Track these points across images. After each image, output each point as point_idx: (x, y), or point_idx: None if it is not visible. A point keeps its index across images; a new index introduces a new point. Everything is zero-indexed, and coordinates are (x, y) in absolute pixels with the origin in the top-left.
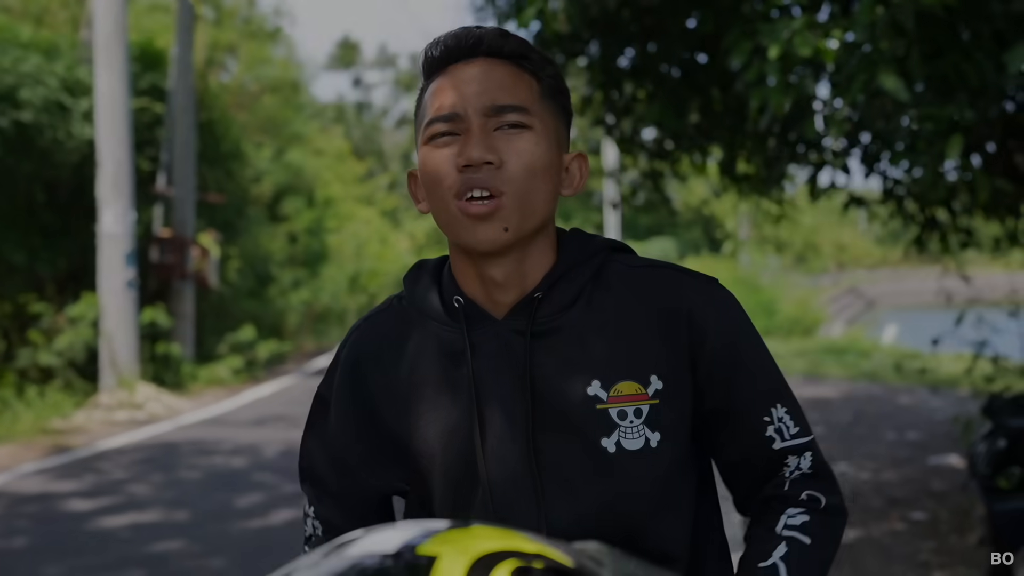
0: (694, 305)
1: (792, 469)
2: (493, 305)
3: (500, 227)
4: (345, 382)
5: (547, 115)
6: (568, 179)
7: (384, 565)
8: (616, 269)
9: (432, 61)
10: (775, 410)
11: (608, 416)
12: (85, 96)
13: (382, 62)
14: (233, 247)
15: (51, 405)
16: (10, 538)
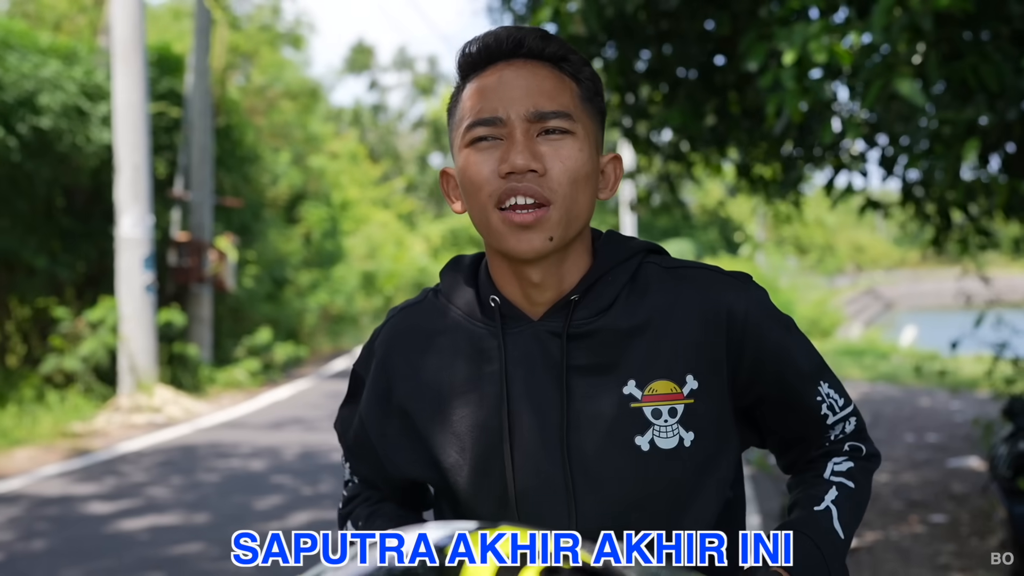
0: (732, 304)
1: (838, 433)
2: (530, 305)
3: (545, 237)
4: (376, 371)
5: (587, 119)
6: (603, 180)
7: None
8: (652, 271)
9: (470, 60)
10: (822, 387)
11: (642, 414)
12: (103, 101)
13: (399, 65)
14: (250, 251)
15: (71, 408)
16: (30, 540)
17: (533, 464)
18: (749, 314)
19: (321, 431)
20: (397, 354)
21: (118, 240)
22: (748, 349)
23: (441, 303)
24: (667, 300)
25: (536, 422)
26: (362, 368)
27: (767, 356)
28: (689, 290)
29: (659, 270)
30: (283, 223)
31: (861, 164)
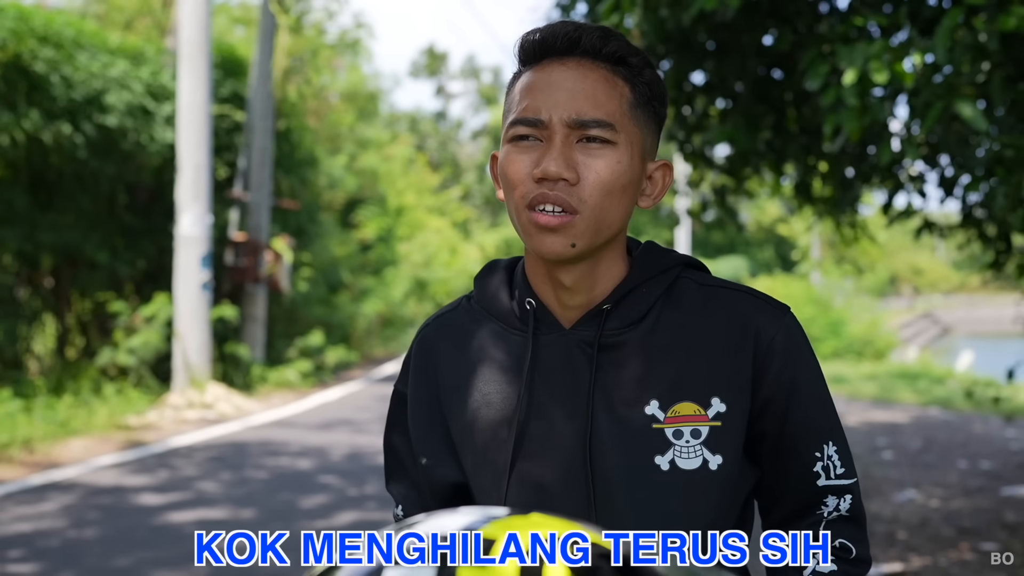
0: (763, 331)
1: (831, 509)
2: (562, 310)
3: (567, 242)
4: (415, 378)
5: (635, 126)
6: (650, 188)
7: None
8: (688, 286)
9: (526, 50)
10: (826, 447)
11: (663, 435)
12: (168, 101)
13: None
14: (305, 253)
15: (126, 402)
16: (83, 528)
17: (553, 473)
18: (776, 341)
19: (369, 433)
20: (432, 359)
21: (177, 238)
22: (767, 376)
23: (475, 308)
24: (699, 318)
25: (559, 435)
26: (401, 384)
27: (780, 389)
28: (722, 310)
29: (695, 286)
30: (339, 227)
31: (920, 184)
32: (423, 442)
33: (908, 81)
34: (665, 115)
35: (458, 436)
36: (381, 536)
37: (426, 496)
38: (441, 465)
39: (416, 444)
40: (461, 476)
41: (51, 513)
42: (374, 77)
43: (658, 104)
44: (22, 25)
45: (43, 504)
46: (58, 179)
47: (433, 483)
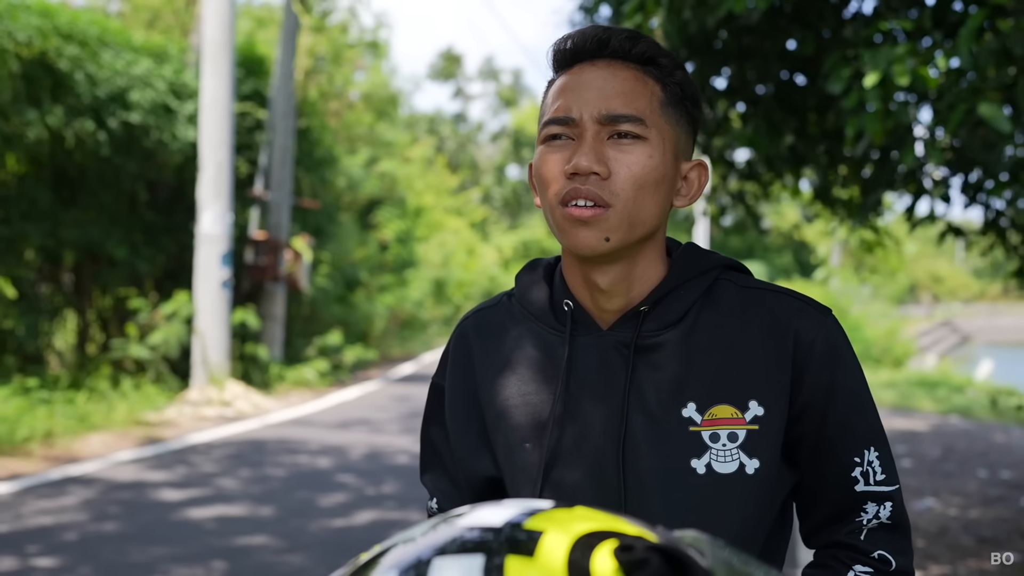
0: (803, 333)
1: (870, 516)
2: (599, 312)
3: (601, 236)
4: (453, 372)
5: (667, 123)
6: (686, 188)
7: (490, 537)
8: (728, 288)
9: (558, 56)
10: (867, 452)
11: (700, 438)
12: (190, 100)
13: (485, 75)
14: (324, 252)
15: (144, 398)
16: (102, 522)
17: (585, 479)
18: (816, 344)
19: (387, 433)
20: (470, 354)
21: (198, 236)
22: (806, 379)
23: (514, 306)
24: (738, 320)
25: (593, 436)
26: (439, 378)
27: (819, 392)
28: (762, 312)
29: (735, 288)
30: (358, 227)
31: (943, 190)
32: (460, 435)
33: (932, 85)
34: (699, 117)
35: (493, 432)
36: (429, 526)
37: (462, 490)
38: (477, 459)
39: (453, 437)
40: (496, 471)
41: (71, 507)
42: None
43: (690, 104)
44: (47, 23)
45: (63, 498)
46: (81, 176)
47: (469, 476)
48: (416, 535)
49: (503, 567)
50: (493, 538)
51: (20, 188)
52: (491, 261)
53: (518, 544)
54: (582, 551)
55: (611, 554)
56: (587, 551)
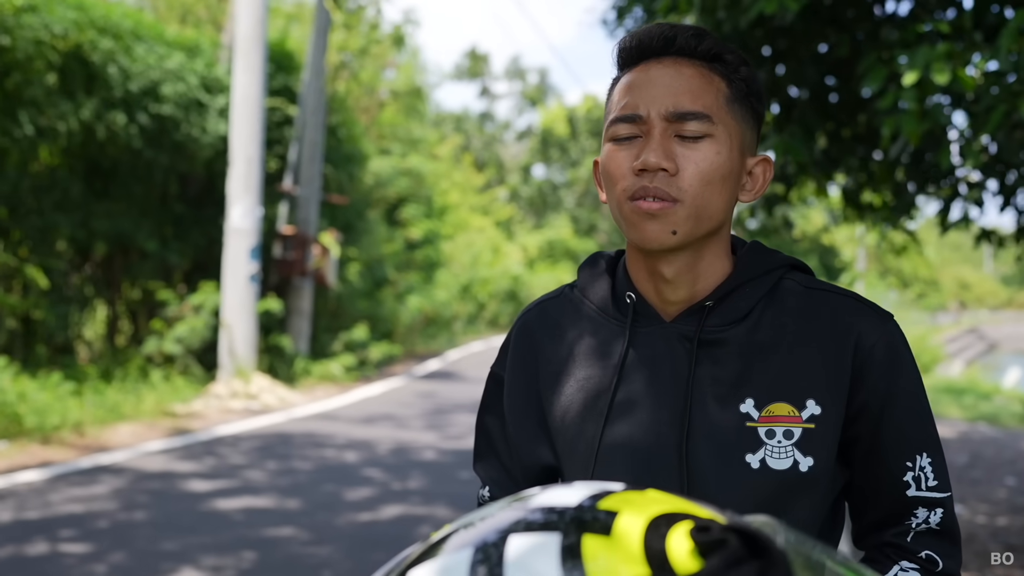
0: (864, 336)
1: (920, 521)
2: (663, 304)
3: (668, 229)
4: (514, 361)
5: (732, 120)
6: (751, 183)
7: (565, 517)
8: (792, 288)
9: (623, 55)
10: (919, 458)
11: (756, 434)
12: (221, 94)
13: (511, 74)
14: (352, 248)
15: (172, 390)
16: (132, 511)
17: (642, 467)
18: (876, 347)
19: (412, 429)
20: (532, 344)
21: (227, 229)
22: (865, 382)
23: (576, 297)
24: (801, 320)
25: (652, 425)
26: (498, 367)
27: (876, 396)
28: (825, 313)
29: (799, 288)
30: (385, 224)
31: (977, 194)
32: (518, 424)
33: (969, 87)
34: (764, 112)
35: (552, 420)
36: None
37: (516, 478)
38: (534, 448)
39: (511, 426)
40: (553, 459)
41: (101, 495)
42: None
43: (755, 100)
44: (82, 16)
45: (94, 486)
46: (113, 168)
47: (526, 464)
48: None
49: (580, 546)
50: (568, 518)
51: (53, 179)
52: (516, 260)
53: (593, 524)
54: (658, 531)
55: (687, 535)
56: (663, 531)
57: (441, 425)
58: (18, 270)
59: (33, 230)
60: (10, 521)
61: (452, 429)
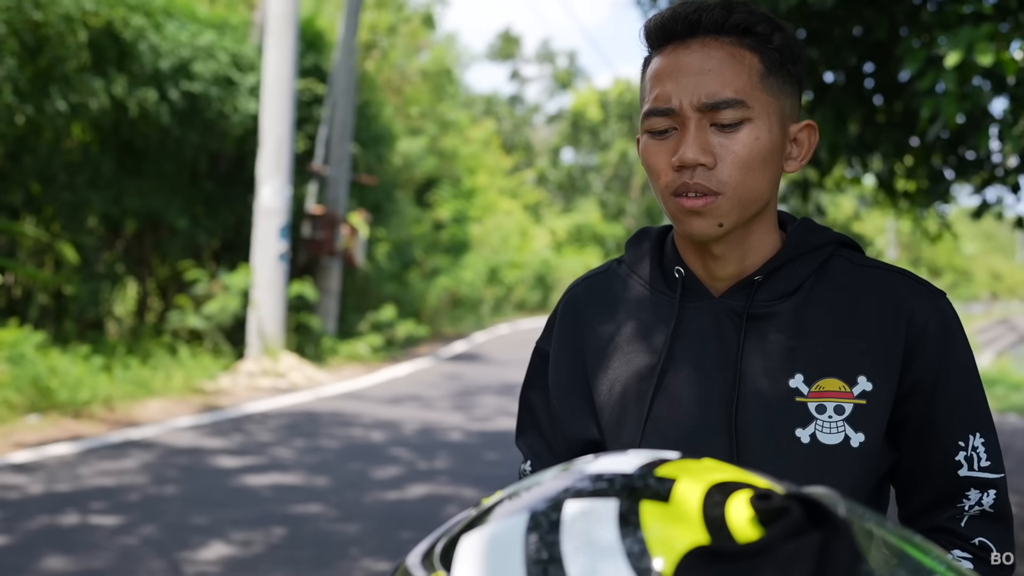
0: (917, 313)
1: (972, 503)
2: (711, 280)
3: (714, 223)
4: (560, 335)
5: (769, 95)
6: (796, 150)
7: (623, 483)
8: (842, 265)
9: (650, 36)
10: (972, 438)
11: (806, 409)
12: (252, 72)
13: (541, 57)
14: (381, 229)
15: (200, 367)
16: (162, 485)
17: (690, 440)
18: (929, 325)
19: (438, 410)
20: (578, 318)
21: (257, 209)
22: (917, 360)
23: (623, 272)
24: (851, 296)
25: (699, 399)
26: (544, 342)
27: (929, 374)
28: (876, 290)
29: (849, 265)
30: (414, 206)
31: (1014, 179)
32: (563, 399)
33: (1011, 71)
34: (803, 74)
35: (598, 394)
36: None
37: (559, 453)
38: (579, 422)
39: (556, 400)
40: (598, 434)
41: (131, 469)
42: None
43: (793, 65)
44: None
45: (124, 460)
46: (145, 146)
47: (570, 438)
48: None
49: (638, 512)
50: (625, 484)
51: (85, 156)
52: (543, 244)
53: (651, 490)
54: (717, 499)
55: (747, 502)
56: (722, 499)
57: (467, 407)
58: (50, 246)
59: (65, 206)
60: (42, 493)
61: (478, 411)
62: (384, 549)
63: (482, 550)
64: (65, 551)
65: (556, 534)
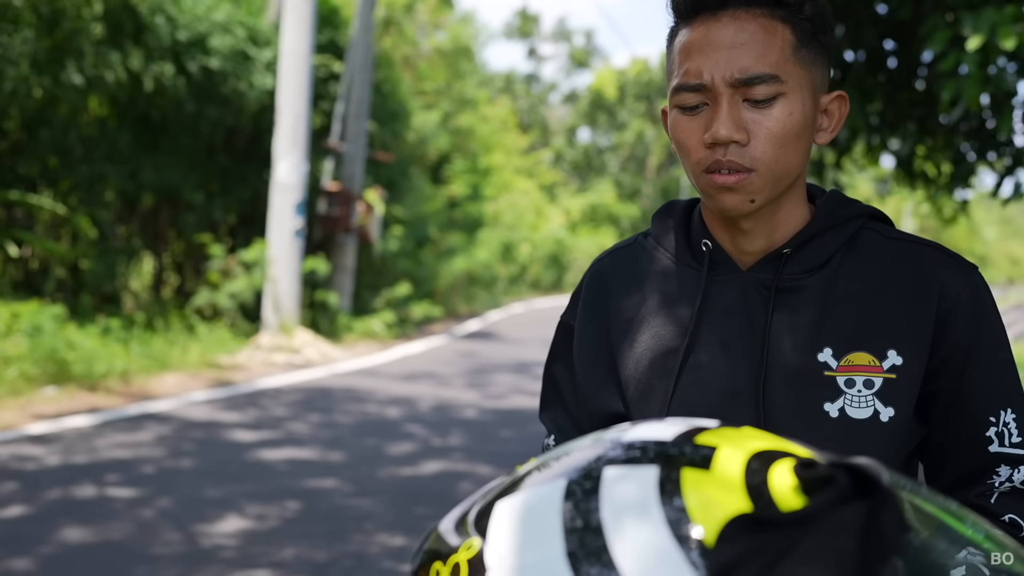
0: (948, 287)
1: (1003, 480)
2: (739, 254)
3: (746, 199)
4: (586, 309)
5: (802, 68)
6: (827, 121)
7: (662, 451)
8: (872, 238)
9: (679, 6)
10: (1003, 413)
11: (835, 383)
12: (268, 47)
13: (558, 36)
14: (396, 207)
15: (216, 341)
16: (178, 458)
17: (717, 413)
18: (960, 299)
19: (453, 387)
20: (604, 290)
21: (273, 185)
22: (948, 335)
23: (650, 245)
24: (882, 269)
25: (727, 372)
26: (568, 316)
27: (960, 348)
28: (907, 263)
29: (879, 238)
30: (429, 183)
31: None
32: (588, 372)
33: None
34: (833, 42)
35: (624, 368)
36: (590, 440)
37: (583, 427)
38: (604, 395)
39: (580, 374)
40: (623, 408)
41: (147, 442)
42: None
43: (823, 36)
44: None
45: (140, 433)
46: (161, 121)
47: (593, 411)
48: (576, 448)
49: (679, 479)
50: (665, 452)
51: (102, 131)
52: (558, 224)
53: (692, 458)
54: (759, 466)
55: (790, 471)
56: (763, 467)
57: (482, 384)
58: (67, 219)
59: (82, 180)
60: (59, 464)
61: (493, 389)
62: (399, 524)
63: (519, 516)
64: (82, 522)
65: (595, 501)
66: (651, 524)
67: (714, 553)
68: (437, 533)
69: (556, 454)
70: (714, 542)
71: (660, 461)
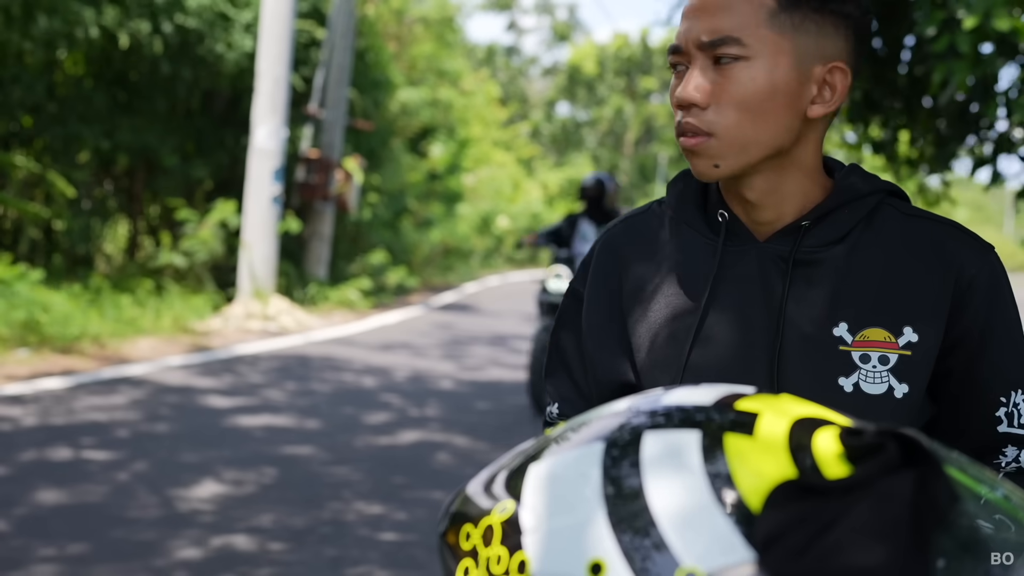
0: (965, 266)
1: (1009, 460)
2: (754, 224)
3: (710, 163)
4: (596, 276)
5: (777, 35)
6: (828, 92)
7: (703, 416)
8: (890, 214)
9: None
10: (1014, 394)
11: (850, 358)
12: (247, 8)
13: (540, 8)
14: (375, 176)
15: (190, 307)
16: (153, 423)
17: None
18: (977, 279)
19: (429, 358)
20: (616, 258)
21: (251, 150)
22: (965, 312)
23: (665, 214)
24: (899, 246)
25: (741, 342)
26: (578, 283)
27: (974, 328)
28: (925, 240)
29: (898, 214)
30: (408, 153)
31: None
32: (598, 341)
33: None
34: (853, 11)
35: (636, 336)
36: (624, 404)
37: (588, 396)
38: (614, 364)
39: (590, 342)
40: (633, 377)
41: (122, 406)
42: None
43: (834, 4)
44: None
45: (114, 396)
46: (138, 81)
47: (602, 380)
48: (614, 412)
49: (722, 444)
50: (706, 416)
51: (78, 90)
52: (535, 198)
53: (734, 423)
54: (802, 432)
55: (836, 438)
56: (807, 434)
57: (458, 356)
58: (41, 179)
59: (56, 140)
60: (34, 426)
61: (469, 360)
62: (376, 493)
63: (555, 479)
64: (58, 484)
65: (635, 464)
66: (694, 489)
67: (761, 520)
68: (465, 495)
69: (588, 418)
70: (760, 508)
71: (702, 426)
